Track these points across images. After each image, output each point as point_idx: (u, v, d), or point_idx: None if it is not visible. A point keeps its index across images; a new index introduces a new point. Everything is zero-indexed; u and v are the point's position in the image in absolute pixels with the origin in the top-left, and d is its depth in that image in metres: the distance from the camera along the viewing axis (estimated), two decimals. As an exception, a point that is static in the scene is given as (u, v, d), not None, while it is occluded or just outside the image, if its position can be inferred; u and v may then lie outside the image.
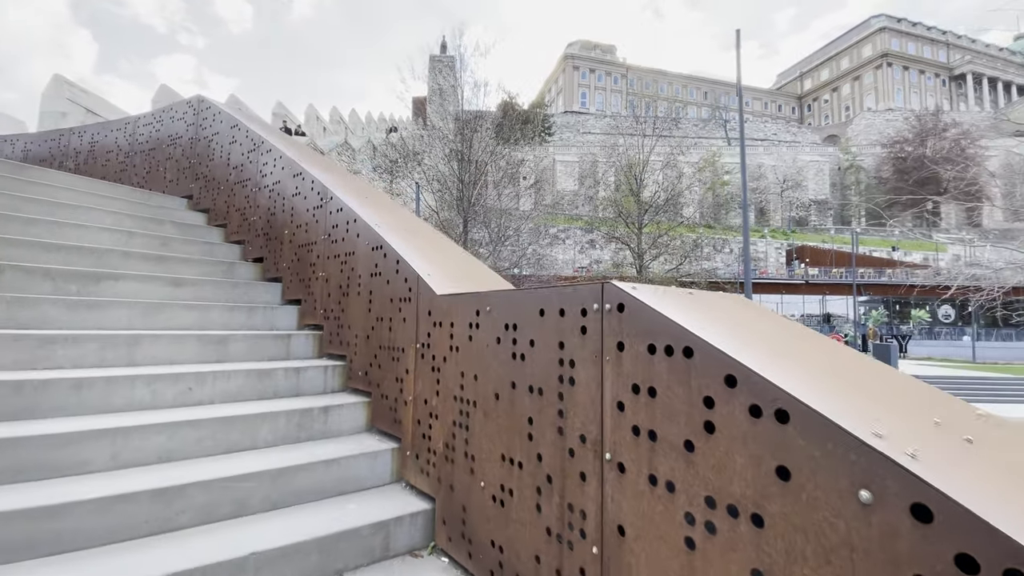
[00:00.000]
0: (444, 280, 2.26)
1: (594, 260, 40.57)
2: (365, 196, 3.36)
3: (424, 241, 2.77)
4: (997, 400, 16.75)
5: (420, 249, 2.63)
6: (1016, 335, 36.22)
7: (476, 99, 23.76)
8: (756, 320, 1.26)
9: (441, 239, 2.92)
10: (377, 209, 3.12)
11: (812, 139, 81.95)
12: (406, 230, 2.85)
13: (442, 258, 2.61)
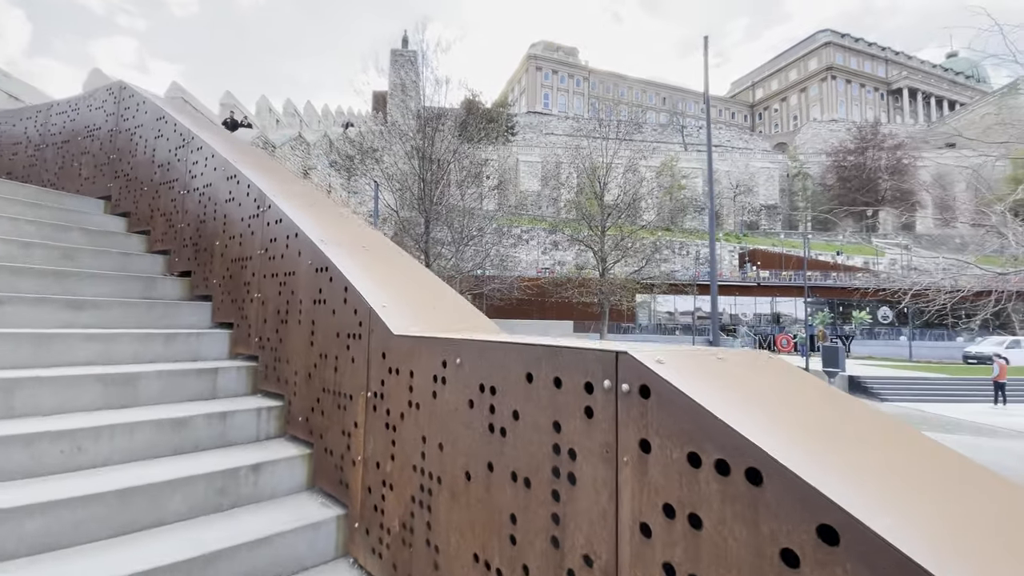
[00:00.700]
0: (404, 314, 1.87)
1: (557, 261, 40.61)
2: (311, 205, 2.91)
3: (381, 262, 2.37)
4: (939, 400, 17.72)
5: (375, 272, 2.23)
6: (947, 335, 38.77)
7: (438, 96, 23.18)
8: (840, 416, 0.95)
9: (402, 259, 2.52)
10: (324, 221, 2.69)
11: (763, 146, 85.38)
12: (359, 247, 2.44)
13: (403, 284, 2.21)
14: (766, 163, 73.26)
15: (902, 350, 35.95)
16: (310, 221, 2.55)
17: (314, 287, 2.27)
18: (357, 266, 2.19)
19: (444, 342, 1.49)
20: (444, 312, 2.02)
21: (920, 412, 15.75)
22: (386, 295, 2.00)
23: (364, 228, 2.87)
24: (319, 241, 2.31)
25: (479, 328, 2.01)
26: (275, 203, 2.66)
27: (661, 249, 22.43)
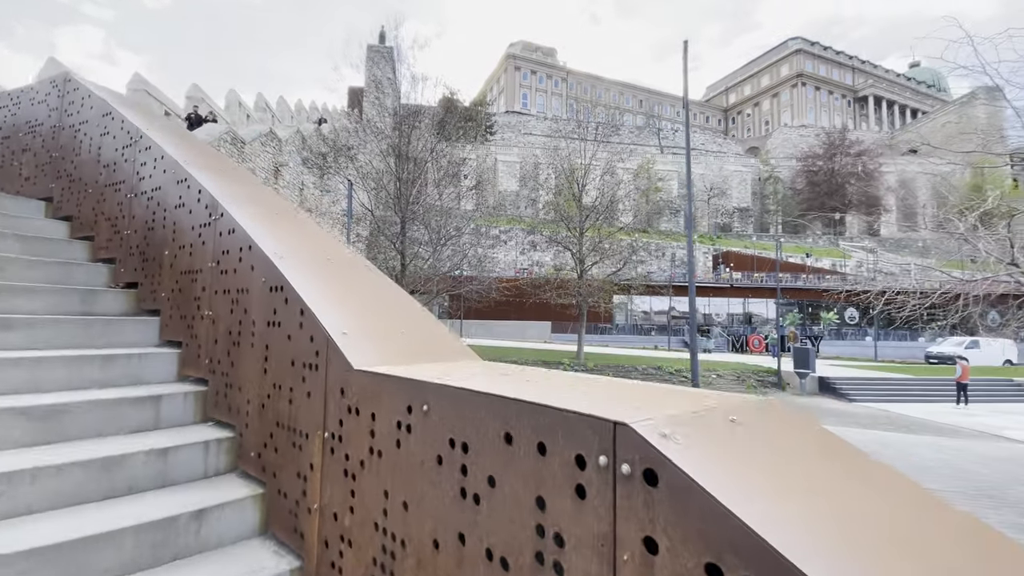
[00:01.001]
0: (367, 344, 1.67)
1: (535, 262, 40.55)
2: (270, 213, 2.67)
3: (344, 279, 2.15)
4: (903, 400, 18.26)
5: (337, 292, 2.02)
6: (910, 335, 40.17)
7: (415, 93, 22.80)
8: (884, 503, 0.79)
9: (369, 275, 2.31)
10: (283, 232, 2.45)
11: (736, 150, 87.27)
12: (321, 261, 2.22)
13: (368, 305, 2.01)
14: (739, 167, 74.84)
15: (868, 350, 37.07)
16: (267, 232, 2.32)
17: (268, 307, 2.05)
18: (317, 285, 1.97)
19: (409, 384, 1.30)
20: (415, 340, 1.83)
21: (885, 413, 16.19)
22: (348, 319, 1.79)
23: (329, 239, 2.65)
24: (275, 256, 2.09)
25: (455, 356, 1.83)
26: (228, 211, 2.42)
27: (638, 251, 22.55)
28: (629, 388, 1.18)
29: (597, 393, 1.11)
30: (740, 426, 0.88)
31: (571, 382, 1.30)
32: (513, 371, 1.56)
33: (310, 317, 1.79)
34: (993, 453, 10.91)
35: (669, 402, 1.01)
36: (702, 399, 1.01)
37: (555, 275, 21.78)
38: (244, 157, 19.30)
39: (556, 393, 1.05)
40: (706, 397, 1.03)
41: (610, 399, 1.02)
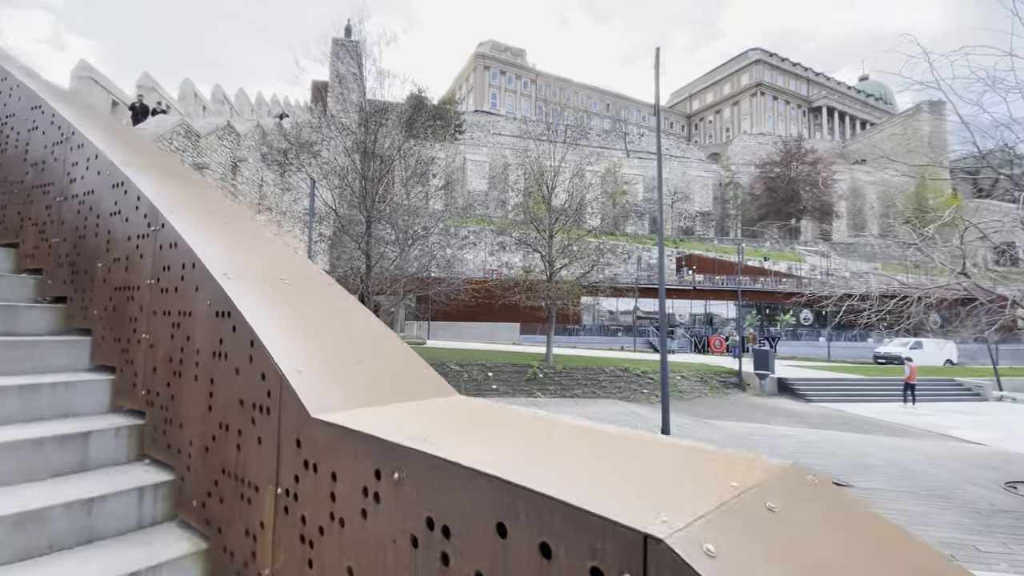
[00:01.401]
0: (327, 385, 1.47)
1: (504, 263, 40.40)
2: (228, 224, 2.41)
3: (302, 303, 1.93)
4: (856, 400, 19.06)
5: (293, 319, 1.80)
6: (859, 336, 42.16)
7: (382, 89, 22.26)
8: None
9: (330, 294, 2.08)
10: (233, 245, 2.20)
11: (699, 156, 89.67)
12: (275, 281, 1.99)
13: (329, 334, 1.79)
14: (701, 172, 76.92)
15: (821, 350, 38.66)
16: (215, 247, 2.07)
17: (214, 335, 1.81)
18: (270, 311, 1.75)
19: (377, 444, 1.11)
20: (382, 373, 1.63)
21: (839, 413, 16.87)
22: (306, 353, 1.58)
23: (286, 253, 2.40)
24: (223, 275, 1.84)
25: (430, 391, 1.64)
26: (170, 222, 2.15)
27: (605, 253, 22.73)
28: (643, 451, 1.03)
29: (605, 462, 0.96)
30: (780, 518, 0.74)
31: (576, 438, 1.15)
32: (503, 419, 1.39)
33: (261, 351, 1.56)
34: (942, 452, 11.47)
35: (688, 478, 0.87)
36: (725, 472, 0.87)
37: (524, 277, 21.69)
38: (199, 151, 18.35)
39: (561, 464, 0.89)
40: (729, 469, 0.90)
41: (625, 479, 0.87)
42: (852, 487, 8.69)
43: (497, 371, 17.81)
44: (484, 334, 32.84)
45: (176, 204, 2.34)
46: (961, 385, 21.24)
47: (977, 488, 8.75)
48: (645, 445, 1.10)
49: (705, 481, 0.86)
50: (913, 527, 7.02)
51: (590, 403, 14.57)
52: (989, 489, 8.71)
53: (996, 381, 21.07)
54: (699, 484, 0.84)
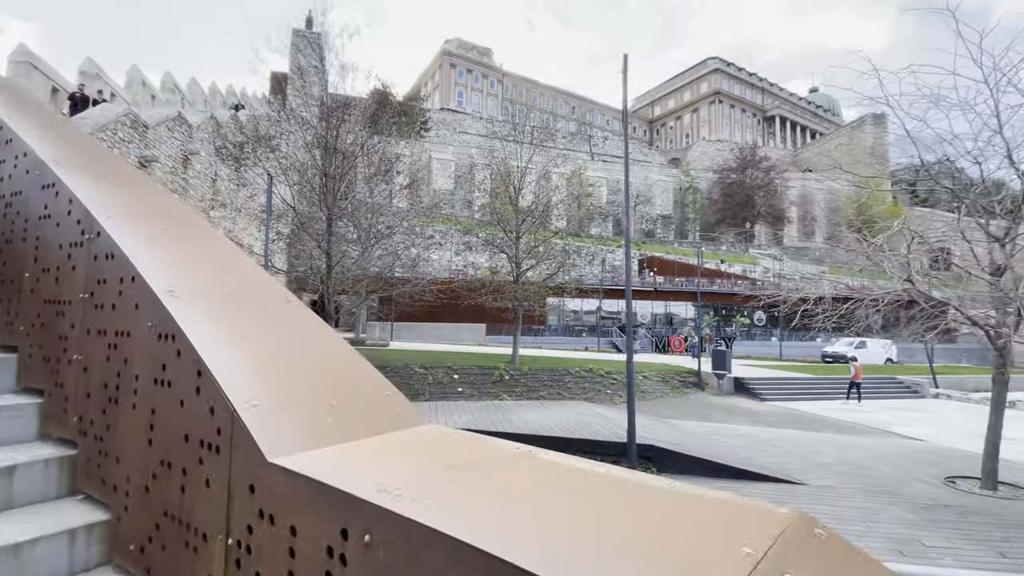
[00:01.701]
0: (285, 422, 1.32)
1: (470, 263, 40.13)
2: (173, 232, 2.19)
3: (255, 326, 1.76)
4: (807, 398, 19.90)
5: (247, 342, 1.63)
6: (809, 336, 44.21)
7: (344, 83, 21.67)
8: None
9: (289, 314, 1.92)
10: (179, 257, 2.00)
11: (660, 160, 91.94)
12: (225, 298, 1.81)
13: (286, 359, 1.64)
14: (662, 176, 78.87)
15: (773, 350, 40.34)
16: (158, 258, 1.87)
17: (156, 360, 1.62)
18: (221, 334, 1.58)
19: (343, 498, 0.99)
20: (346, 402, 1.49)
21: (792, 411, 17.57)
22: (261, 383, 1.43)
23: (240, 262, 2.21)
24: (166, 292, 1.66)
25: (401, 420, 1.52)
26: (106, 229, 1.93)
27: (571, 255, 22.91)
28: (641, 501, 0.96)
29: (604, 519, 0.88)
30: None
31: (565, 485, 1.07)
32: (482, 457, 1.29)
33: (210, 381, 1.40)
34: (886, 449, 12.09)
35: (696, 542, 0.80)
36: (734, 529, 0.81)
37: (491, 278, 21.58)
38: (147, 143, 17.32)
39: (553, 528, 0.79)
40: (737, 524, 0.83)
41: (628, 546, 0.78)
42: (807, 484, 9.03)
43: (463, 373, 17.63)
44: (448, 335, 32.52)
45: (115, 208, 2.12)
46: (902, 383, 22.57)
47: (920, 483, 9.26)
48: (643, 493, 1.02)
49: (715, 546, 0.78)
50: (865, 523, 7.34)
51: (556, 405, 14.62)
52: (931, 484, 9.23)
53: (932, 379, 22.49)
54: (710, 551, 0.76)
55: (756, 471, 9.40)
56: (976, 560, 6.28)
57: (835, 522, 7.29)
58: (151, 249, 1.92)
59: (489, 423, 11.76)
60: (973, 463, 10.61)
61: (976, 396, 20.23)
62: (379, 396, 1.62)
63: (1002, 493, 8.70)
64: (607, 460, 7.55)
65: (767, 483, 8.97)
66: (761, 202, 72.93)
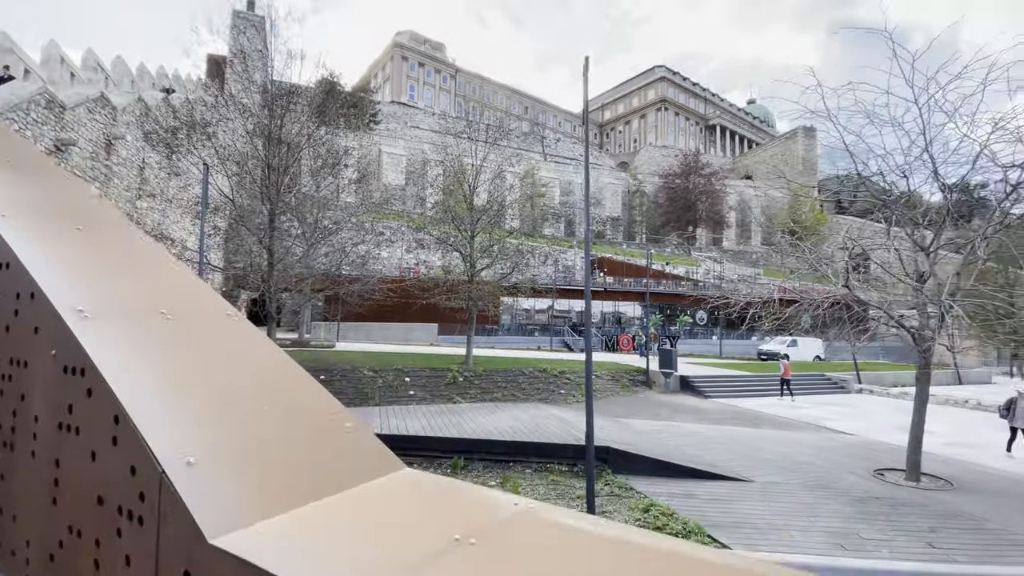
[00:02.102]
0: (234, 484, 1.05)
1: (422, 261, 39.36)
2: (80, 232, 1.82)
3: (191, 352, 1.46)
4: (747, 395, 20.89)
5: (179, 377, 1.34)
6: (745, 334, 46.65)
7: (290, 71, 20.57)
8: None
9: (231, 334, 1.61)
10: (94, 268, 1.65)
11: (610, 164, 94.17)
12: (156, 316, 1.49)
13: (230, 394, 1.35)
14: (612, 179, 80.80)
15: (714, 347, 42.25)
16: (64, 268, 1.52)
17: (60, 399, 1.29)
18: (146, 366, 1.28)
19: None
20: (310, 452, 1.24)
21: (733, 408, 18.37)
22: (199, 433, 1.15)
23: (168, 272, 1.87)
24: (75, 311, 1.33)
25: (373, 467, 1.28)
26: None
27: (526, 255, 22.89)
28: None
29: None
30: None
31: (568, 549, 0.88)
32: (474, 517, 1.07)
33: (130, 429, 1.11)
34: (820, 443, 12.82)
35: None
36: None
37: (445, 278, 21.18)
38: (64, 125, 15.66)
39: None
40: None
41: None
42: (753, 481, 9.38)
43: (415, 376, 17.17)
44: (399, 335, 31.72)
45: (11, 205, 1.73)
46: (830, 380, 24.17)
47: (852, 476, 9.85)
48: (648, 557, 0.85)
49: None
50: (807, 518, 7.68)
51: (511, 407, 14.50)
52: (862, 477, 9.84)
53: (857, 376, 24.23)
54: None
55: (706, 470, 9.67)
56: (907, 551, 6.70)
57: (781, 519, 7.59)
58: (58, 256, 1.57)
59: (443, 428, 11.47)
60: (897, 456, 11.43)
61: (895, 391, 21.98)
62: (348, 438, 1.37)
63: (924, 484, 9.40)
64: (564, 463, 7.46)
65: (717, 481, 9.25)
66: (703, 207, 76.28)
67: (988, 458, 11.75)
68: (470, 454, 9.94)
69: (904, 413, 17.54)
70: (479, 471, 9.68)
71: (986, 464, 11.23)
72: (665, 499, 8.22)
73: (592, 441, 7.66)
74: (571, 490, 8.83)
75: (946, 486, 9.39)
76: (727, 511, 7.84)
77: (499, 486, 8.95)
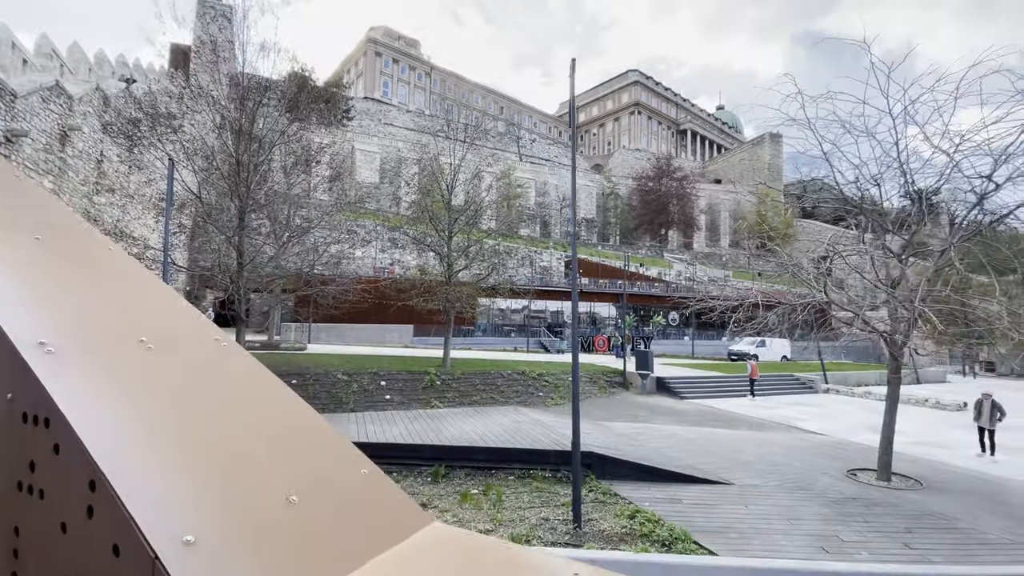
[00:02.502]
0: (246, 564, 0.86)
1: (396, 260, 38.69)
2: (39, 242, 1.55)
3: (175, 396, 1.23)
4: (722, 396, 21.24)
5: (167, 423, 1.12)
6: (716, 335, 47.67)
7: (260, 63, 19.86)
8: None
9: (228, 359, 1.39)
10: (58, 288, 1.40)
11: (584, 166, 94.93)
12: (134, 347, 1.27)
13: (232, 446, 1.14)
14: (587, 181, 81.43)
15: (686, 348, 43.03)
16: (21, 289, 1.28)
17: (19, 454, 1.06)
18: (129, 415, 1.06)
19: None
20: (339, 519, 1.05)
21: (710, 409, 18.65)
22: (201, 500, 0.94)
23: (146, 290, 1.63)
24: (35, 344, 1.09)
25: (408, 525, 1.09)
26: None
27: (504, 256, 22.71)
28: None
29: None
30: None
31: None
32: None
33: (111, 498, 0.89)
34: (794, 444, 13.08)
35: None
36: None
37: (422, 278, 20.82)
38: (15, 115, 14.67)
39: None
40: None
41: None
42: (734, 484, 9.46)
43: (391, 380, 16.79)
44: (373, 337, 31.08)
45: (-48, 208, 1.46)
46: (798, 380, 24.85)
47: (827, 477, 10.06)
48: None
49: None
50: (788, 521, 7.76)
51: (491, 410, 14.31)
52: (836, 478, 10.06)
53: (823, 376, 24.98)
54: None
55: (689, 473, 9.71)
56: (885, 552, 6.83)
57: (764, 522, 7.65)
58: (13, 274, 1.32)
59: (422, 434, 11.20)
60: (867, 455, 11.76)
61: (859, 390, 22.76)
62: (368, 490, 1.18)
63: (895, 484, 9.67)
64: (547, 469, 7.30)
65: (700, 485, 9.29)
66: (675, 209, 77.62)
67: (954, 457, 12.21)
68: (451, 462, 9.72)
69: (870, 412, 18.21)
70: (461, 479, 9.47)
71: (953, 463, 11.66)
72: (650, 504, 8.19)
73: (579, 448, 7.56)
74: (555, 497, 8.71)
75: (916, 486, 9.68)
76: (711, 516, 7.86)
77: (482, 494, 8.77)
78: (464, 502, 8.36)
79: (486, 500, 8.42)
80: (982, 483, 10.13)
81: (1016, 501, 9.02)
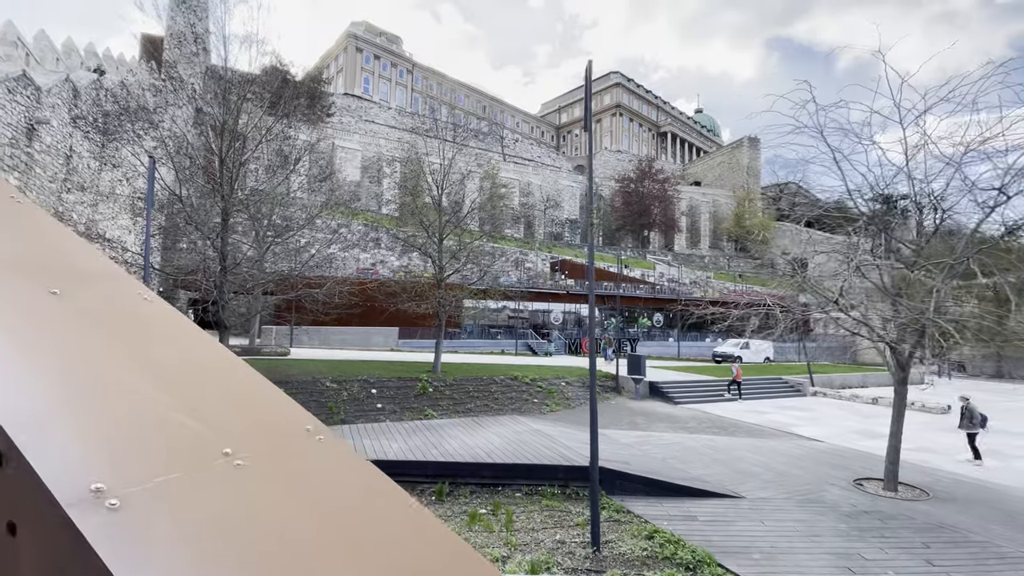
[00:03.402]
0: None
1: (379, 260, 37.86)
2: (18, 266, 1.14)
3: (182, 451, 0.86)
4: (714, 400, 21.27)
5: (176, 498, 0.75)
6: (700, 336, 48.18)
7: (239, 57, 19.05)
8: None
9: (238, 377, 1.00)
10: (31, 323, 0.99)
11: (568, 167, 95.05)
12: (129, 388, 0.88)
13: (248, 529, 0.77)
14: (570, 182, 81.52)
15: (672, 349, 43.30)
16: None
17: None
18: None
19: None
20: None
21: (705, 414, 18.60)
22: None
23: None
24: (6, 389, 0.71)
25: None
26: None
27: (492, 258, 22.33)
28: None
29: None
30: None
31: None
32: None
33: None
34: (794, 451, 13.04)
35: None
36: None
37: (411, 281, 20.28)
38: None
39: None
40: None
41: None
42: (744, 497, 9.30)
43: (381, 387, 16.24)
44: (357, 340, 30.29)
45: None
46: (787, 383, 25.09)
47: (835, 488, 9.99)
48: None
49: None
50: (808, 539, 7.60)
51: (489, 421, 13.92)
52: (844, 488, 10.00)
53: (810, 379, 25.29)
54: None
55: (698, 487, 9.52)
56: (910, 571, 6.71)
57: (785, 540, 7.48)
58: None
59: (423, 449, 10.76)
60: (867, 463, 11.80)
61: (846, 393, 23.10)
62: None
63: (903, 494, 9.66)
64: (555, 486, 6.92)
65: (711, 499, 9.10)
66: (657, 211, 78.28)
67: (951, 463, 12.34)
68: (455, 478, 9.32)
69: (860, 417, 18.45)
70: (466, 497, 9.08)
71: (953, 470, 11.76)
72: (665, 523, 7.95)
73: (596, 467, 7.27)
74: (567, 516, 8.40)
75: (922, 495, 9.68)
76: (730, 534, 7.66)
77: (490, 514, 8.40)
78: (473, 523, 7.98)
79: (496, 521, 8.07)
80: (983, 491, 10.21)
81: (1021, 509, 9.10)
